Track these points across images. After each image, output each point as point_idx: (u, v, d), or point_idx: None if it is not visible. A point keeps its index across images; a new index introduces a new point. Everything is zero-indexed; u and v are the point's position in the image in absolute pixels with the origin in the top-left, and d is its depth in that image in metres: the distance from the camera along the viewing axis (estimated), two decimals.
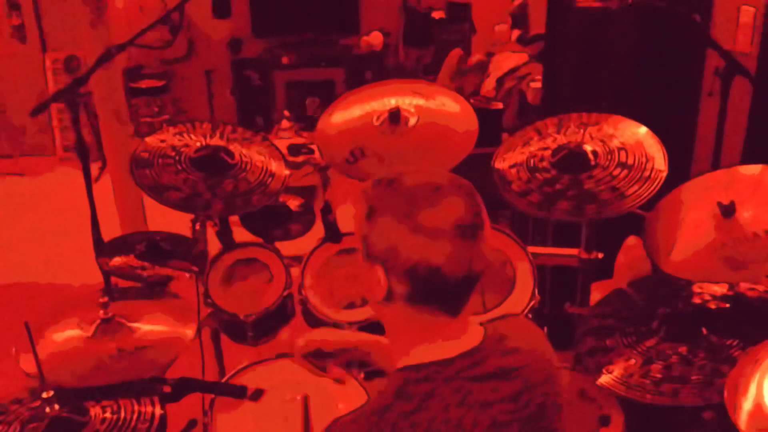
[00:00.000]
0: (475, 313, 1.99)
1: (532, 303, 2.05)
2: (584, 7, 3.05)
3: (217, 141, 2.25)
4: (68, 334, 1.86)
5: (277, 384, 1.80)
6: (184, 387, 1.75)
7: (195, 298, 2.12)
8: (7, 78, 6.18)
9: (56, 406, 1.64)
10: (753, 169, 1.91)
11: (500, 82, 4.72)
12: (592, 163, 2.03)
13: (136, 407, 1.72)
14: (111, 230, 2.37)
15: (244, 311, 2.18)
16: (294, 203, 2.50)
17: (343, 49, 6.38)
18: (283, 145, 3.10)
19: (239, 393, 1.80)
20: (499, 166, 2.12)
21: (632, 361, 1.75)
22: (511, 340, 1.26)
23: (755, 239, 1.73)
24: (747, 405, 1.40)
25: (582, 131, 2.11)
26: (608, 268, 2.54)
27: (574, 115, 2.19)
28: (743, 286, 1.91)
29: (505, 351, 1.24)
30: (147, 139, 2.24)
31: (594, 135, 2.10)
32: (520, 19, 5.34)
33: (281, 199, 2.44)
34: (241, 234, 2.37)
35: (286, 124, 5.09)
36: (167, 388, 1.72)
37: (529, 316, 2.06)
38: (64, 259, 4.43)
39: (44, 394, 1.64)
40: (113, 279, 2.21)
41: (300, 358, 1.57)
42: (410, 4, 6.42)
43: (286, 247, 2.35)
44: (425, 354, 1.20)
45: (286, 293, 2.21)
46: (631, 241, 2.60)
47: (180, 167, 2.16)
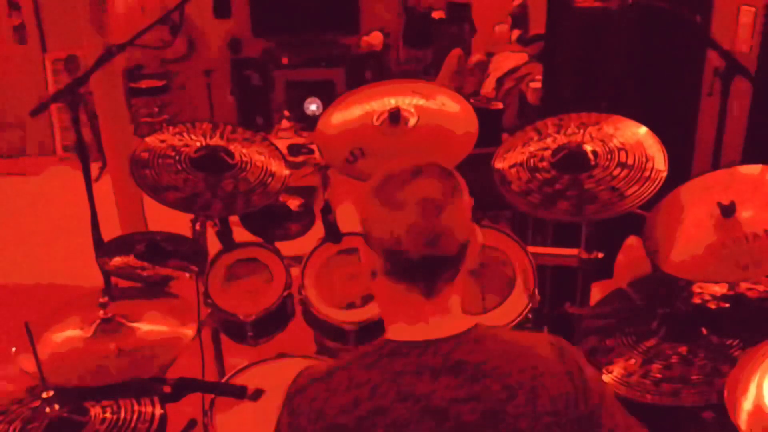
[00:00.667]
0: (475, 314, 2.02)
1: (532, 303, 2.06)
2: (584, 7, 3.05)
3: (217, 141, 2.25)
4: (68, 334, 1.85)
5: (277, 384, 1.80)
6: (184, 387, 1.76)
7: (195, 298, 2.12)
8: (7, 78, 6.19)
9: (56, 406, 1.64)
10: (753, 169, 1.91)
11: (500, 82, 4.72)
12: (592, 163, 2.03)
13: (136, 407, 1.72)
14: (111, 230, 2.37)
15: (244, 311, 2.18)
16: (294, 203, 2.49)
17: (343, 49, 6.38)
18: (283, 145, 3.09)
19: (239, 393, 1.80)
20: (499, 166, 2.12)
21: (632, 360, 1.75)
22: (492, 352, 1.20)
23: (755, 239, 1.73)
24: (747, 405, 1.40)
25: (582, 131, 2.11)
26: (608, 268, 2.54)
27: (574, 115, 2.19)
28: (743, 286, 1.91)
29: (475, 352, 1.20)
30: (147, 139, 2.23)
31: (594, 135, 2.10)
32: (520, 19, 5.34)
33: (281, 199, 2.44)
34: (241, 234, 2.37)
35: (286, 124, 5.09)
36: (167, 388, 1.73)
37: (530, 317, 2.06)
38: (64, 259, 4.43)
39: (44, 394, 1.64)
40: (113, 279, 2.21)
41: None
42: (410, 4, 6.43)
43: (286, 247, 2.35)
44: (400, 333, 1.24)
45: (286, 293, 2.22)
46: (631, 241, 2.59)
47: (180, 167, 2.16)
